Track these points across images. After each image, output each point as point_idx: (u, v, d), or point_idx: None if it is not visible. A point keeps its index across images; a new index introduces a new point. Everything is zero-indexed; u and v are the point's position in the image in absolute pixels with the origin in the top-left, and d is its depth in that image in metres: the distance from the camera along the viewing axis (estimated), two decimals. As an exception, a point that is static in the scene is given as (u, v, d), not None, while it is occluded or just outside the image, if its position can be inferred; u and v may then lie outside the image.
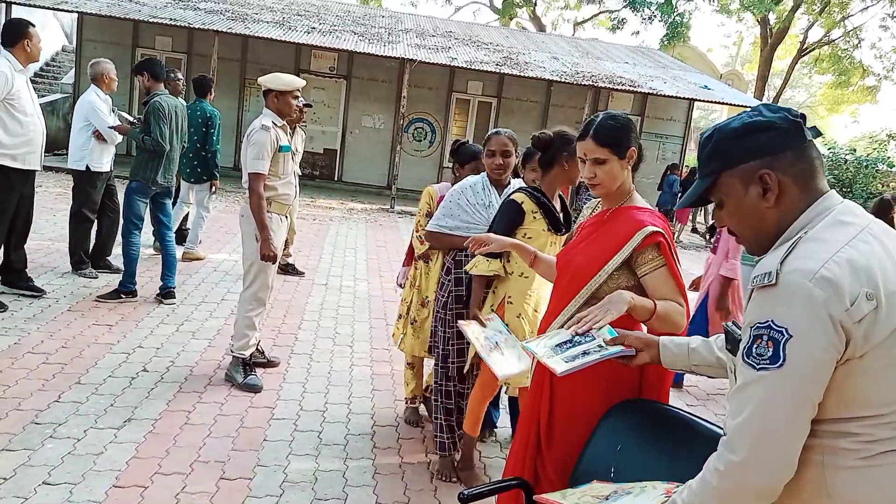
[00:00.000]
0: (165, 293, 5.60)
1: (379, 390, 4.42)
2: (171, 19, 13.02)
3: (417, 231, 3.92)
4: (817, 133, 1.39)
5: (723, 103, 15.09)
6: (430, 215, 3.76)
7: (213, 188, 7.12)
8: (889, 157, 14.77)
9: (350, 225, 10.82)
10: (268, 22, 14.36)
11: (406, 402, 4.09)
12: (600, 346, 1.91)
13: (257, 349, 4.42)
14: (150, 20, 12.92)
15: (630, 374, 2.32)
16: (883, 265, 1.24)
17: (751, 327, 1.29)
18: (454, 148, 4.03)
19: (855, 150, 15.12)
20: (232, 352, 4.26)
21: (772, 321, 1.25)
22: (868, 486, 1.25)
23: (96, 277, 5.94)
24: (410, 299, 3.99)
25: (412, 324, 3.93)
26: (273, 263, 4.13)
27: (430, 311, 3.77)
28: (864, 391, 1.24)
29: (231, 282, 6.38)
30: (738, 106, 15.43)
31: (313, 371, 4.60)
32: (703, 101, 15.07)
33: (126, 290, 5.50)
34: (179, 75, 7.34)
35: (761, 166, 1.37)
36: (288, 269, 6.99)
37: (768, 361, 1.25)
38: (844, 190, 13.67)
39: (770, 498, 1.30)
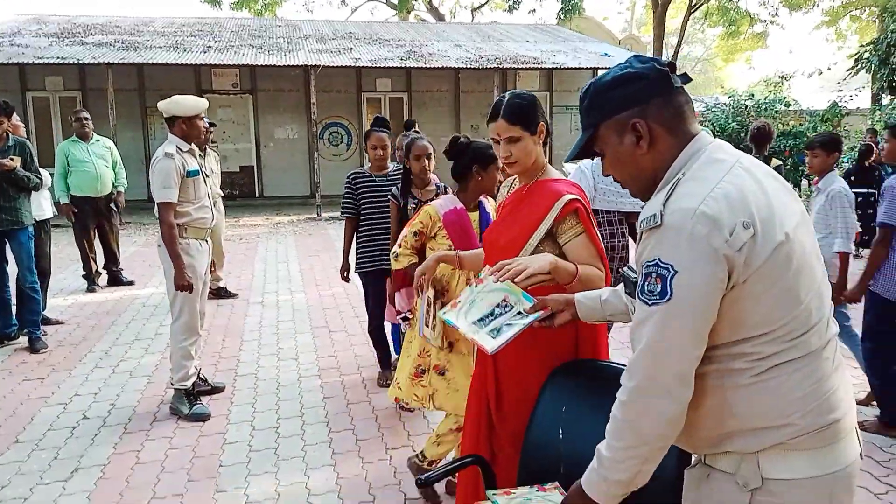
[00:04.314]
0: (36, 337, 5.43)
1: (330, 397, 4.40)
2: (58, 58, 12.53)
3: (400, 246, 3.36)
4: (686, 79, 1.47)
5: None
6: (419, 234, 3.32)
7: None
8: (785, 97, 15.44)
9: (278, 239, 10.68)
10: (161, 47, 13.98)
11: (422, 464, 3.23)
12: (520, 313, 1.94)
13: (199, 377, 4.33)
14: (36, 62, 12.40)
15: (566, 338, 2.38)
16: (755, 195, 1.33)
17: (642, 266, 1.37)
18: (461, 148, 3.17)
19: (753, 95, 15.73)
20: (173, 385, 4.17)
21: (658, 259, 1.33)
22: (764, 398, 1.34)
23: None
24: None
25: (441, 374, 3.15)
26: (189, 293, 4.03)
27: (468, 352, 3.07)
28: (751, 313, 1.33)
29: (163, 315, 6.21)
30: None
31: (261, 390, 4.54)
32: (606, 68, 15.43)
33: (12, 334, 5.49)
34: (85, 115, 7.11)
35: (633, 115, 1.44)
36: (220, 293, 6.86)
37: (658, 297, 1.32)
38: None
39: (675, 423, 1.38)
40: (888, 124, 4.41)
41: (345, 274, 4.62)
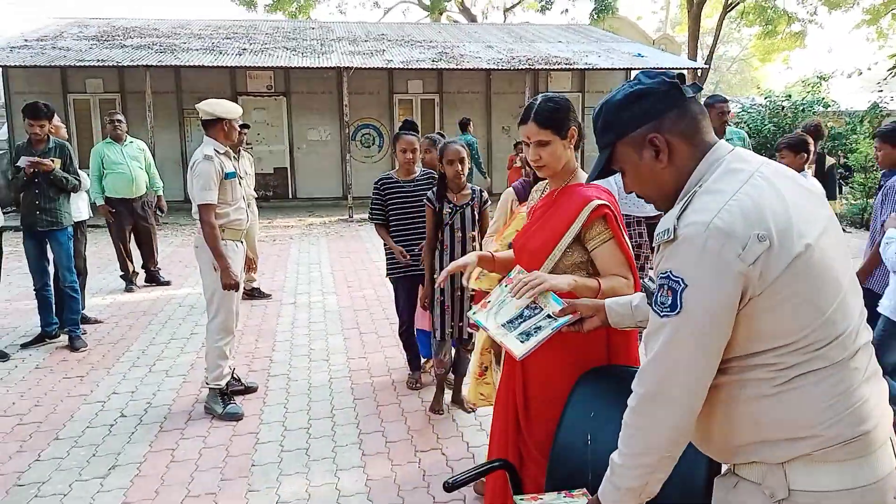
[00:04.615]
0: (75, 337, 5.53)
1: (360, 399, 4.44)
2: (98, 60, 12.81)
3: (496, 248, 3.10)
4: (698, 89, 1.47)
5: (658, 69, 15.34)
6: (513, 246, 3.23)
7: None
8: (824, 98, 15.09)
9: (311, 240, 10.79)
10: (197, 49, 14.21)
11: None
12: (549, 316, 1.96)
13: (233, 377, 4.41)
14: (77, 64, 12.70)
15: (597, 343, 2.38)
16: (773, 206, 1.31)
17: (657, 277, 1.38)
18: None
19: (790, 96, 15.41)
20: (208, 384, 4.26)
21: (670, 271, 1.34)
22: (787, 409, 1.33)
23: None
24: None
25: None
26: (236, 291, 4.13)
27: None
28: (769, 325, 1.31)
29: (198, 315, 6.33)
30: (674, 69, 15.69)
31: (293, 390, 4.60)
32: (639, 69, 15.31)
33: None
34: (119, 117, 7.26)
35: (649, 131, 1.44)
36: (254, 294, 6.96)
37: (669, 309, 1.34)
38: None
39: (681, 433, 1.39)
40: (878, 131, 4.38)
41: (403, 257, 4.31)
